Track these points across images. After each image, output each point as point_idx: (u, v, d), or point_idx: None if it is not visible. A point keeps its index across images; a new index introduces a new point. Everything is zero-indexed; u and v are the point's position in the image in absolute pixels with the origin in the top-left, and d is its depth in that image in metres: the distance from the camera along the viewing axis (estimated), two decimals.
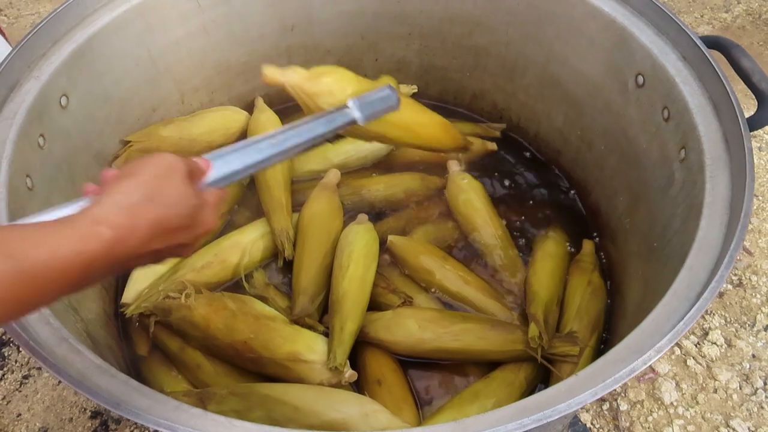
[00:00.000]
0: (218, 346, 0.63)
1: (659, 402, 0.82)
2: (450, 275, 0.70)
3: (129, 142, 0.72)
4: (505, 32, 0.76)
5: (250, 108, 0.82)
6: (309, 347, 0.61)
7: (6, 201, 0.52)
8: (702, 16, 1.49)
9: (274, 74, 0.56)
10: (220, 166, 0.41)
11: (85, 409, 1.09)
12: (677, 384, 0.83)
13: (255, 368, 0.63)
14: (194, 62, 0.76)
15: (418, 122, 0.61)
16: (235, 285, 0.71)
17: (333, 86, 0.58)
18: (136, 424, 1.07)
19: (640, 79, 0.65)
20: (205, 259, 0.70)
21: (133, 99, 0.72)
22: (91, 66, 0.65)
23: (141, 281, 0.69)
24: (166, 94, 0.76)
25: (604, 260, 0.74)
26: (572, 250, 0.75)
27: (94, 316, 0.62)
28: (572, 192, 0.81)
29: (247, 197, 0.78)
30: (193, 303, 0.65)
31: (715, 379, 0.83)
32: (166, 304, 0.66)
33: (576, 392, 0.40)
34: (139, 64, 0.71)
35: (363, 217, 0.74)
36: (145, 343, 0.68)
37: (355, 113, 0.52)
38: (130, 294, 0.68)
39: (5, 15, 1.70)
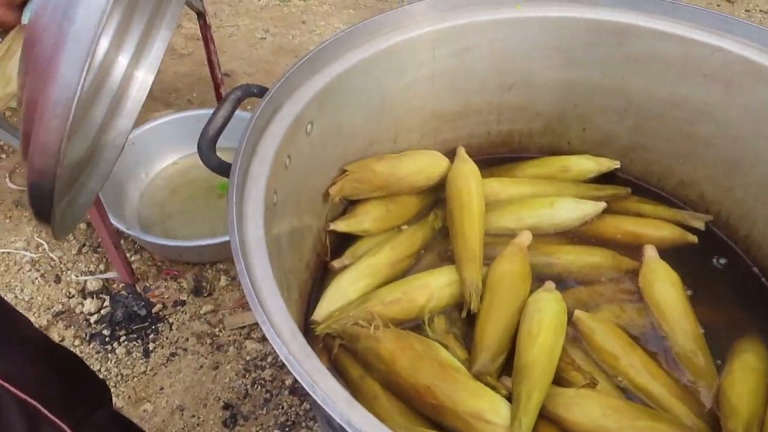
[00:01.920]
0: (400, 384, 0.65)
1: None
2: (636, 364, 0.68)
3: (346, 171, 0.77)
4: (736, 127, 0.73)
5: (449, 154, 0.84)
6: (493, 408, 0.61)
7: (263, 214, 0.57)
8: None
9: None
10: None
11: (219, 399, 1.16)
12: None
13: (432, 414, 0.63)
14: (415, 106, 0.81)
15: None
16: (414, 326, 0.73)
17: None
18: (262, 425, 1.12)
19: None
20: (395, 295, 0.72)
21: (357, 132, 0.77)
22: (335, 99, 0.71)
23: (332, 302, 0.72)
24: (383, 132, 0.81)
25: None
26: None
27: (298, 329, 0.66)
28: None
29: (435, 242, 0.80)
30: (380, 335, 0.68)
31: None
32: (354, 331, 0.69)
33: None
34: (371, 101, 0.76)
35: (551, 284, 0.73)
36: (324, 363, 0.71)
37: None
38: (321, 313, 0.72)
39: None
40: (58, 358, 0.77)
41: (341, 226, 0.78)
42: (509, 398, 0.62)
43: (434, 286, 0.73)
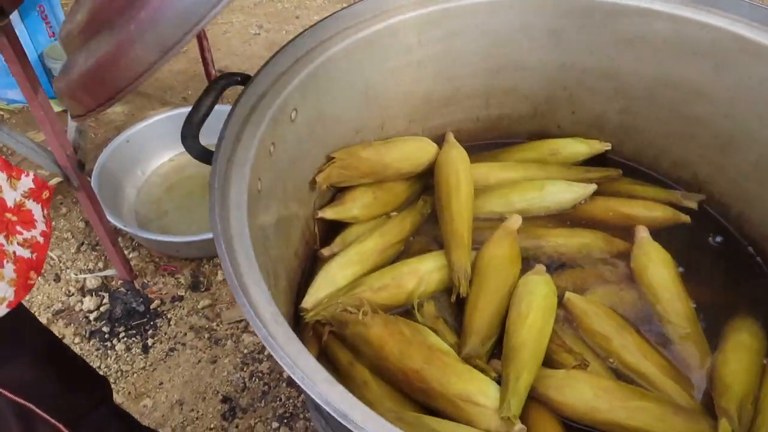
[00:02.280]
0: (389, 369, 0.65)
1: None
2: (629, 345, 0.67)
3: (332, 158, 0.76)
4: (727, 105, 0.72)
5: (438, 140, 0.84)
6: (482, 390, 0.61)
7: (247, 202, 0.57)
8: None
9: None
10: None
11: (218, 392, 1.16)
12: None
13: (422, 398, 0.63)
14: (401, 92, 0.80)
15: None
16: (404, 312, 0.73)
17: None
18: (260, 417, 1.12)
19: None
20: (383, 281, 0.72)
21: (343, 120, 0.77)
22: (319, 86, 0.70)
23: (322, 290, 0.72)
24: (370, 119, 0.80)
25: None
26: None
27: (284, 317, 0.66)
28: None
29: (424, 227, 0.80)
30: (369, 321, 0.68)
31: None
32: (343, 317, 0.69)
33: None
34: (356, 88, 0.75)
35: (541, 267, 0.72)
36: (314, 350, 0.71)
37: None
38: (310, 300, 0.72)
39: None
40: (57, 358, 0.77)
41: (329, 213, 0.77)
42: (499, 381, 0.62)
43: (423, 272, 0.72)
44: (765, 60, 0.67)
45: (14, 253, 0.67)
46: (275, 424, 1.10)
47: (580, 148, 0.85)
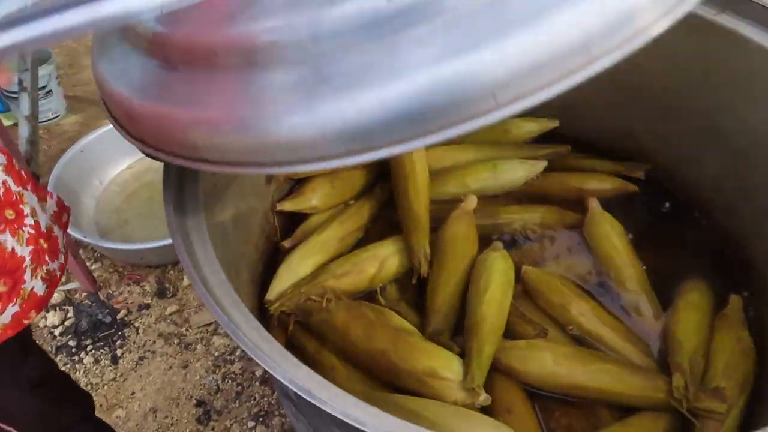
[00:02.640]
0: (356, 352, 0.66)
1: None
2: (585, 312, 0.69)
3: None
4: (666, 76, 0.75)
5: None
6: (446, 365, 0.62)
7: (203, 198, 0.58)
8: None
9: None
10: None
11: (191, 397, 1.15)
12: None
13: (389, 378, 0.64)
14: None
15: None
16: (367, 296, 0.73)
17: None
18: (235, 417, 1.12)
19: None
20: (345, 268, 0.73)
21: None
22: None
23: (285, 281, 0.73)
24: None
25: (753, 318, 0.70)
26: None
27: (248, 309, 0.66)
28: (720, 243, 0.78)
29: (383, 213, 0.81)
30: (333, 308, 0.68)
31: None
32: (307, 306, 0.70)
33: None
34: None
35: (498, 244, 0.74)
36: (281, 341, 0.71)
37: None
38: (273, 292, 0.72)
39: None
40: (47, 381, 0.75)
41: (288, 205, 0.78)
42: (463, 356, 0.63)
43: (383, 256, 0.74)
44: (697, 30, 0.70)
45: (31, 289, 0.61)
46: (251, 423, 1.10)
47: (530, 126, 0.87)
